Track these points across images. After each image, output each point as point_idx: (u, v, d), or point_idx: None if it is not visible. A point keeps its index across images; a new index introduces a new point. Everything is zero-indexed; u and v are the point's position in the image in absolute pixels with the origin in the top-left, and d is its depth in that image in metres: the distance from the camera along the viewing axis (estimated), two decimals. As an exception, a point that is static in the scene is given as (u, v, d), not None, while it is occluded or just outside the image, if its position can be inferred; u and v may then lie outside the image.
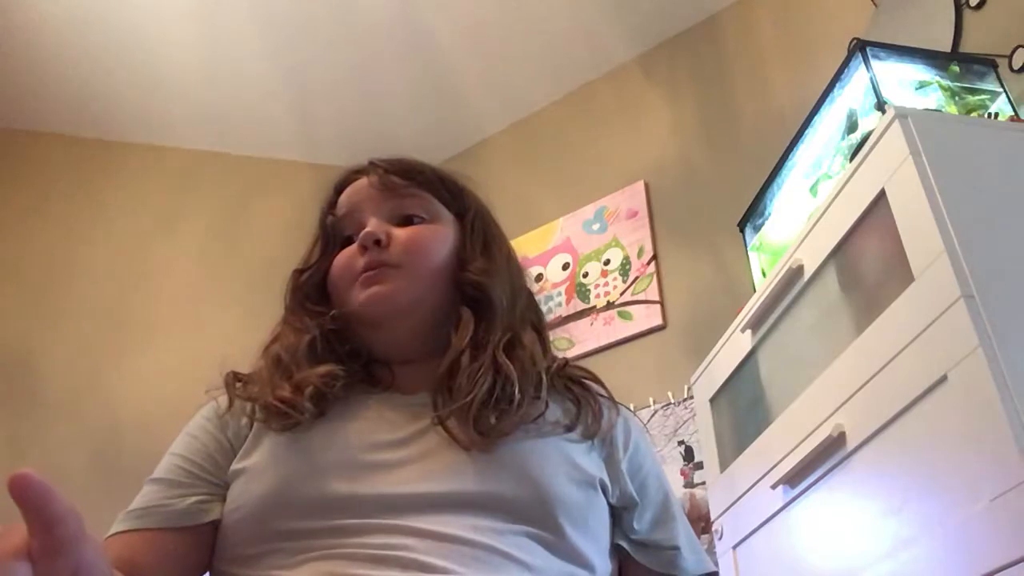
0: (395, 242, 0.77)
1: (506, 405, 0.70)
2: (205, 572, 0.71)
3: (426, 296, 0.76)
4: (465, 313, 0.75)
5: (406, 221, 0.80)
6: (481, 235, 0.82)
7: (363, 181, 0.82)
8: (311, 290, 0.81)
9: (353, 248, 0.78)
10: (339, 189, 0.84)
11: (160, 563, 0.67)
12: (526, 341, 0.76)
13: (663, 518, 0.78)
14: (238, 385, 0.75)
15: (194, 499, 0.69)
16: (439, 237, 0.79)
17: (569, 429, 0.73)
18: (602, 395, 0.80)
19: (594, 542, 0.70)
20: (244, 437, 0.73)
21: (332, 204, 0.84)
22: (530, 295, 0.85)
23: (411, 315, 0.76)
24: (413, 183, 0.81)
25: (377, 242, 0.76)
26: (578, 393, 0.78)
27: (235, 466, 0.71)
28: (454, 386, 0.71)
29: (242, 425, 0.73)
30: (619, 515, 0.76)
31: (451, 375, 0.72)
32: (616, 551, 0.76)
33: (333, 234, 0.82)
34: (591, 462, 0.73)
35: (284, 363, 0.74)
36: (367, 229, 0.77)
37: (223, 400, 0.75)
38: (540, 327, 0.83)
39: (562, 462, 0.70)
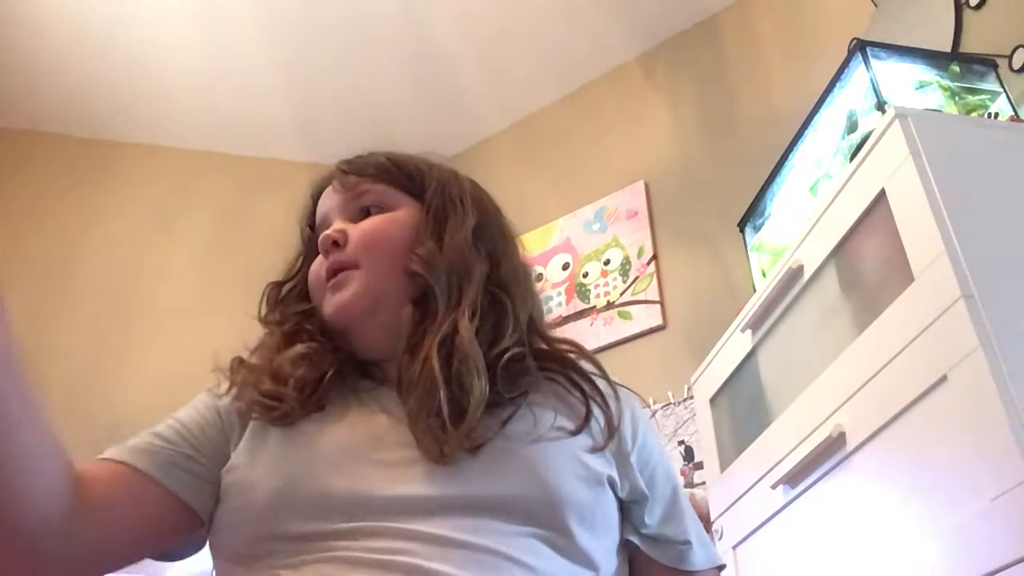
0: (351, 239, 0.77)
1: (465, 406, 0.67)
2: (152, 554, 0.70)
3: (387, 291, 0.75)
4: (405, 311, 0.73)
5: (365, 215, 0.79)
6: (438, 214, 0.78)
7: (330, 188, 0.83)
8: (292, 300, 0.81)
9: (321, 257, 0.78)
10: (314, 199, 0.85)
11: (126, 502, 0.66)
12: (462, 331, 0.70)
13: (673, 511, 0.78)
14: (242, 372, 0.75)
15: (183, 464, 0.69)
16: (393, 224, 0.78)
17: (575, 433, 0.71)
18: (597, 375, 0.78)
19: (601, 541, 0.69)
20: (235, 424, 0.73)
21: (312, 214, 0.85)
22: (495, 267, 0.78)
23: (376, 313, 0.75)
24: (366, 177, 0.81)
25: (335, 243, 0.76)
26: (586, 390, 0.75)
27: (233, 461, 0.70)
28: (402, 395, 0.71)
29: (236, 418, 0.73)
30: (629, 510, 0.75)
31: (400, 381, 0.71)
32: (625, 546, 0.75)
33: (311, 244, 0.82)
34: (599, 458, 0.72)
35: (265, 361, 0.75)
36: (324, 233, 0.77)
37: (225, 385, 0.75)
38: (511, 304, 0.76)
39: (569, 460, 0.69)
